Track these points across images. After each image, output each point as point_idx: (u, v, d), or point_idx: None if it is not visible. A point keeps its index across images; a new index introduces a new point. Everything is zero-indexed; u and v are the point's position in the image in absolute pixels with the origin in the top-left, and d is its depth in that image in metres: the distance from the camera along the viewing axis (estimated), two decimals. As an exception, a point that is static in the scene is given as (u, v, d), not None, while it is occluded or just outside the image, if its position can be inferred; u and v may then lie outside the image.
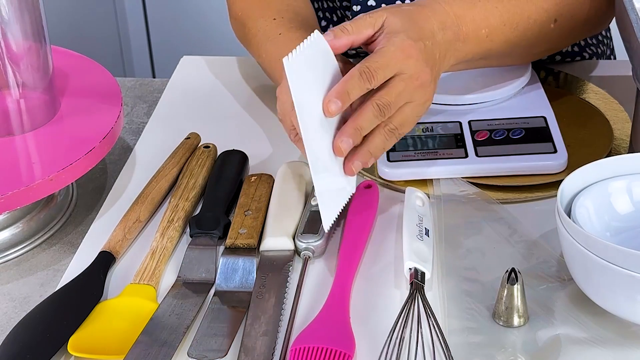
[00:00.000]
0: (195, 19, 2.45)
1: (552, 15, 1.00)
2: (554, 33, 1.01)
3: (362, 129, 0.86)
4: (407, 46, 0.88)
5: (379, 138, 0.88)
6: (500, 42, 0.98)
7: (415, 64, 0.88)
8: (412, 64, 0.88)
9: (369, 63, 0.86)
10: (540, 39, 1.01)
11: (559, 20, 1.01)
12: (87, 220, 0.99)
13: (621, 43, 0.98)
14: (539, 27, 1.00)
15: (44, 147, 0.97)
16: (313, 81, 0.85)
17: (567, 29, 1.02)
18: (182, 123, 1.11)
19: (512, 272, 0.81)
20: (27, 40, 0.96)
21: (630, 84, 0.98)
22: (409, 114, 0.89)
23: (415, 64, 0.88)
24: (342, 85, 0.85)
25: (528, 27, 0.99)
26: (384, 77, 0.87)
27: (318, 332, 0.80)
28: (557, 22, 1.01)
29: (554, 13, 1.00)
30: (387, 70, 0.87)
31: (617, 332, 0.81)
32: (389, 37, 0.89)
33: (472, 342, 0.80)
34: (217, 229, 0.93)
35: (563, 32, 1.02)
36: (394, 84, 0.87)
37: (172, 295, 0.86)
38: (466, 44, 0.95)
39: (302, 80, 0.83)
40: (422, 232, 0.89)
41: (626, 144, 1.03)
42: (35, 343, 0.81)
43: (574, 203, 0.84)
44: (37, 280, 0.91)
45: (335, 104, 0.84)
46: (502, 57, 1.01)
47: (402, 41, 0.88)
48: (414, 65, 0.88)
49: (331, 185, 0.87)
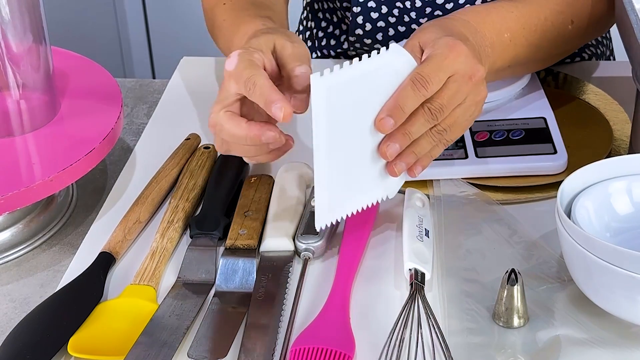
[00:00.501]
0: (195, 19, 2.44)
1: (568, 17, 1.00)
2: (572, 34, 1.02)
3: (412, 134, 0.82)
4: (454, 44, 0.83)
5: (425, 140, 0.84)
6: (523, 46, 0.97)
7: (466, 61, 0.83)
8: (463, 60, 0.83)
9: (421, 69, 0.81)
10: (559, 41, 1.01)
11: (575, 22, 1.01)
12: (87, 221, 0.99)
13: (620, 44, 0.98)
14: (557, 29, 1.00)
15: (44, 147, 0.97)
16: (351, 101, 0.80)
17: (584, 28, 1.02)
18: (182, 124, 1.11)
19: (512, 273, 0.81)
20: (27, 41, 0.96)
21: (630, 85, 0.98)
22: (460, 115, 0.85)
23: (467, 61, 0.83)
24: (394, 99, 0.81)
25: (546, 29, 0.99)
26: (440, 82, 0.82)
27: (318, 332, 0.80)
28: (574, 23, 1.01)
29: (569, 14, 1.00)
30: (441, 73, 0.82)
31: (617, 333, 0.80)
32: (432, 44, 0.84)
33: (472, 343, 0.80)
34: (217, 229, 0.93)
35: (580, 32, 1.03)
36: (447, 86, 0.82)
37: (172, 296, 0.86)
38: (494, 50, 0.93)
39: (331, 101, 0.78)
40: (422, 233, 0.89)
41: (626, 144, 1.03)
42: (35, 344, 0.81)
43: (574, 204, 0.84)
44: (37, 281, 0.91)
45: (387, 123, 0.80)
46: (526, 63, 1.01)
47: (447, 41, 0.84)
48: (466, 63, 0.83)
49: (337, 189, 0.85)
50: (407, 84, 0.81)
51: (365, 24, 1.17)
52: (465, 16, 0.93)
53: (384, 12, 1.17)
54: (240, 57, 0.83)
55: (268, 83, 0.81)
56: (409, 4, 1.16)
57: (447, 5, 1.15)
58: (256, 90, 0.81)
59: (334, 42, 1.28)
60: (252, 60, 0.83)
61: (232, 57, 0.84)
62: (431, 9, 1.16)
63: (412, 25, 1.17)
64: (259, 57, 0.84)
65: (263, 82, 0.81)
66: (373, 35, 1.18)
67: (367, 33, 1.18)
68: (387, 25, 1.18)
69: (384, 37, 1.18)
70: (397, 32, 1.18)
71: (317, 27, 1.30)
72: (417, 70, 0.82)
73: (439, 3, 1.15)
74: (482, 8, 0.96)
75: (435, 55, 0.83)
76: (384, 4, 1.16)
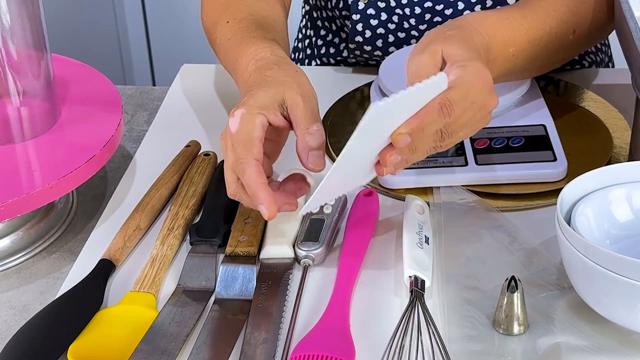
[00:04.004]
0: (196, 27, 2.44)
1: (571, 27, 1.00)
2: (573, 43, 1.02)
3: (417, 150, 0.83)
4: (484, 74, 0.84)
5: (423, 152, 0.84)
6: (523, 59, 0.97)
7: (488, 92, 0.84)
8: (486, 92, 0.84)
9: (450, 95, 0.81)
10: (559, 50, 1.01)
11: (577, 31, 1.01)
12: (87, 228, 0.99)
13: (619, 51, 0.98)
14: (559, 39, 1.00)
15: (44, 154, 0.98)
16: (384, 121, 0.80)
17: (584, 36, 1.02)
18: (182, 131, 1.11)
19: (512, 280, 0.81)
20: (28, 48, 0.96)
21: (629, 92, 0.98)
22: (462, 136, 0.85)
23: (489, 92, 0.84)
24: (419, 120, 0.80)
25: (550, 40, 0.99)
26: (463, 110, 0.82)
27: (318, 339, 0.80)
28: (575, 32, 1.01)
29: (573, 24, 1.00)
30: (466, 102, 0.82)
31: (617, 340, 0.80)
32: (464, 66, 0.83)
33: (472, 350, 0.80)
34: (217, 236, 0.93)
35: (580, 41, 1.03)
36: (464, 114, 0.83)
37: (172, 303, 0.86)
38: (494, 65, 0.93)
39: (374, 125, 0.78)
40: (422, 240, 0.89)
41: (626, 152, 1.03)
42: (35, 351, 0.81)
43: (573, 211, 0.84)
44: (37, 288, 0.91)
45: (404, 140, 0.80)
46: (522, 72, 1.01)
47: (478, 69, 0.83)
48: (487, 94, 0.84)
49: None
50: (435, 108, 0.81)
51: (365, 31, 1.18)
52: (481, 28, 0.92)
53: (383, 19, 1.17)
54: (242, 123, 0.84)
55: (255, 176, 0.82)
56: (408, 10, 1.16)
57: (446, 11, 1.16)
58: (244, 179, 0.83)
59: (333, 50, 1.28)
60: (251, 134, 0.84)
61: (235, 116, 0.85)
62: (430, 15, 1.16)
63: (412, 31, 1.18)
64: (260, 122, 0.84)
65: (251, 173, 0.82)
66: (373, 42, 1.18)
67: (366, 40, 1.18)
68: (387, 32, 1.18)
69: (383, 44, 1.19)
70: (397, 39, 1.18)
71: (316, 35, 1.30)
72: (447, 96, 0.81)
73: (439, 10, 1.16)
74: (496, 20, 0.94)
75: (465, 82, 0.82)
76: (384, 11, 1.17)
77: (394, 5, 1.16)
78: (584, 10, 1.01)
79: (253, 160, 0.83)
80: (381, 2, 1.16)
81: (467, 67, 0.83)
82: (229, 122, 0.85)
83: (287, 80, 0.88)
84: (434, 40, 0.87)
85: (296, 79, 0.88)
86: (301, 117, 0.86)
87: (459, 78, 0.82)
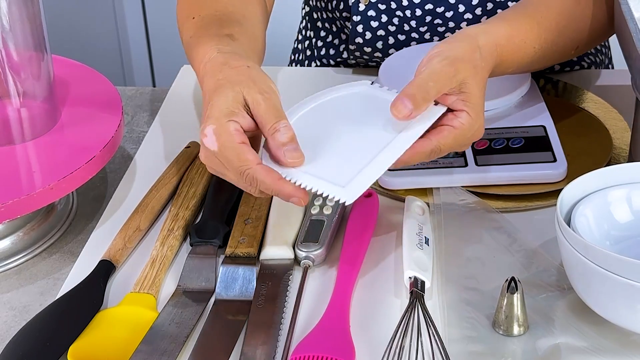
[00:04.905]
0: (196, 28, 2.45)
1: (576, 43, 1.01)
2: (572, 54, 1.03)
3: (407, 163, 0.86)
4: (480, 125, 0.88)
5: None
6: (523, 66, 0.97)
7: (481, 131, 0.88)
8: (480, 133, 0.88)
9: (443, 143, 0.85)
10: (557, 60, 1.03)
11: (580, 46, 1.02)
12: (87, 229, 0.99)
13: (619, 52, 0.98)
14: (560, 54, 1.01)
15: (44, 155, 0.98)
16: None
17: (584, 43, 1.03)
18: (182, 132, 1.12)
19: (512, 281, 0.81)
20: (28, 49, 0.96)
21: (629, 93, 0.98)
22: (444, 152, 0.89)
23: (481, 131, 0.88)
24: (407, 156, 0.84)
25: (553, 58, 1.01)
26: (452, 149, 0.87)
27: (318, 340, 0.80)
28: (578, 48, 1.02)
29: (577, 41, 1.01)
30: (455, 146, 0.87)
31: (617, 341, 0.80)
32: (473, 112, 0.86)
33: (472, 351, 0.80)
34: (217, 237, 0.93)
35: (579, 52, 1.04)
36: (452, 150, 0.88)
37: (172, 304, 0.86)
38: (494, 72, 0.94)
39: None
40: (422, 240, 0.89)
41: (625, 153, 1.03)
42: (35, 352, 0.81)
43: (573, 212, 0.84)
44: (37, 289, 0.91)
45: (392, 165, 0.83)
46: (514, 73, 1.01)
47: (480, 110, 0.87)
48: (480, 133, 0.88)
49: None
50: (425, 151, 0.85)
51: (365, 32, 1.18)
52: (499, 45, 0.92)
53: (383, 20, 1.17)
54: (219, 139, 0.82)
55: (268, 177, 0.81)
56: (409, 12, 1.16)
57: (447, 14, 1.16)
58: (260, 186, 0.82)
59: (334, 51, 1.28)
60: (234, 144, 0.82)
61: (208, 135, 0.82)
62: (431, 17, 1.16)
63: (412, 34, 1.18)
64: (235, 128, 0.82)
65: (262, 177, 0.81)
66: (373, 43, 1.18)
67: (367, 42, 1.18)
68: (387, 33, 1.18)
69: (383, 46, 1.19)
70: (397, 41, 1.18)
71: (316, 37, 1.30)
72: (439, 144, 0.85)
73: (439, 12, 1.16)
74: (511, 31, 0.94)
75: (461, 136, 0.86)
76: (384, 12, 1.17)
77: (394, 7, 1.16)
78: (592, 27, 1.01)
79: (255, 165, 0.82)
80: (382, 4, 1.16)
81: (474, 104, 0.86)
82: (204, 142, 0.82)
83: (242, 79, 0.85)
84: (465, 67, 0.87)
85: (250, 76, 0.85)
86: (265, 116, 0.83)
87: (457, 129, 0.86)
